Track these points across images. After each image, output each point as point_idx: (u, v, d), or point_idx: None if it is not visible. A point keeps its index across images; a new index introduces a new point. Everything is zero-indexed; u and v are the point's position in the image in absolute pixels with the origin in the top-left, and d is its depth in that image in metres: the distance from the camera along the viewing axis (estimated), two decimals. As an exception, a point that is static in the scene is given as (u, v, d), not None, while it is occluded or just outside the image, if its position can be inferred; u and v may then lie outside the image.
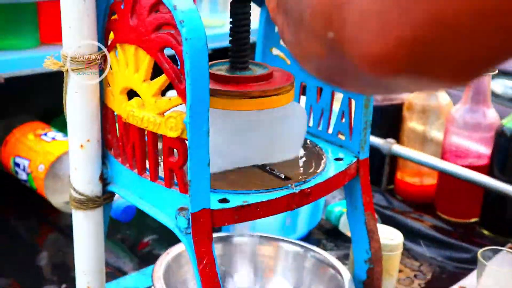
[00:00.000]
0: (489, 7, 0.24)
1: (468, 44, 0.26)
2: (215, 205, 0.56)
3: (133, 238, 0.96)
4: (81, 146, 0.61)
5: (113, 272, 0.85)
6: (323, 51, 0.31)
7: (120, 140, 0.60)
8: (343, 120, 0.71)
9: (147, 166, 0.58)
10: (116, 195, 0.94)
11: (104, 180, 0.64)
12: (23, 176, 1.01)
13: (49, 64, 0.57)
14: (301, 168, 0.64)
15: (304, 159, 0.67)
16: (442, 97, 1.09)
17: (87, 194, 0.62)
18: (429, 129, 1.09)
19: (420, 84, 0.31)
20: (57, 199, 0.99)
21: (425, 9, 0.25)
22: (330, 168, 0.66)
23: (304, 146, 0.70)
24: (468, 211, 1.08)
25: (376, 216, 1.04)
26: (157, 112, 0.55)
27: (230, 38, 0.65)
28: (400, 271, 0.93)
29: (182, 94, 0.52)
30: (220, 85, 0.62)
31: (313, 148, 0.70)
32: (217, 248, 0.77)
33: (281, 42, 0.76)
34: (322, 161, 0.66)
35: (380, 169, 1.14)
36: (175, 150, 0.54)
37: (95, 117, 0.61)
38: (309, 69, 0.37)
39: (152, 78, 0.55)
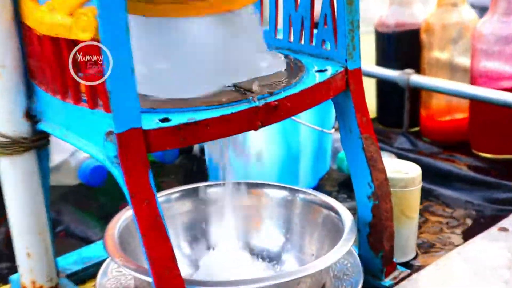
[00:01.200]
0: None
1: None
2: (151, 125, 0.44)
3: (106, 205, 0.84)
4: (-6, 74, 0.50)
5: (80, 244, 0.73)
6: None
7: (39, 61, 0.49)
8: (326, 26, 0.58)
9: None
10: (85, 155, 0.84)
11: (32, 118, 0.52)
12: None
13: None
14: (270, 81, 0.52)
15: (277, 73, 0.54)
16: (465, 11, 0.92)
17: (10, 135, 0.51)
18: (452, 53, 0.94)
19: None
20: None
21: None
22: (308, 79, 0.53)
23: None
24: (508, 144, 0.92)
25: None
26: (67, 12, 0.43)
27: None
28: (427, 219, 0.79)
29: (88, -20, 0.40)
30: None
31: (293, 62, 0.58)
32: (187, 204, 0.65)
33: None
34: (300, 73, 0.54)
35: (401, 108, 1.00)
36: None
37: (8, 38, 0.50)
38: None
39: None
